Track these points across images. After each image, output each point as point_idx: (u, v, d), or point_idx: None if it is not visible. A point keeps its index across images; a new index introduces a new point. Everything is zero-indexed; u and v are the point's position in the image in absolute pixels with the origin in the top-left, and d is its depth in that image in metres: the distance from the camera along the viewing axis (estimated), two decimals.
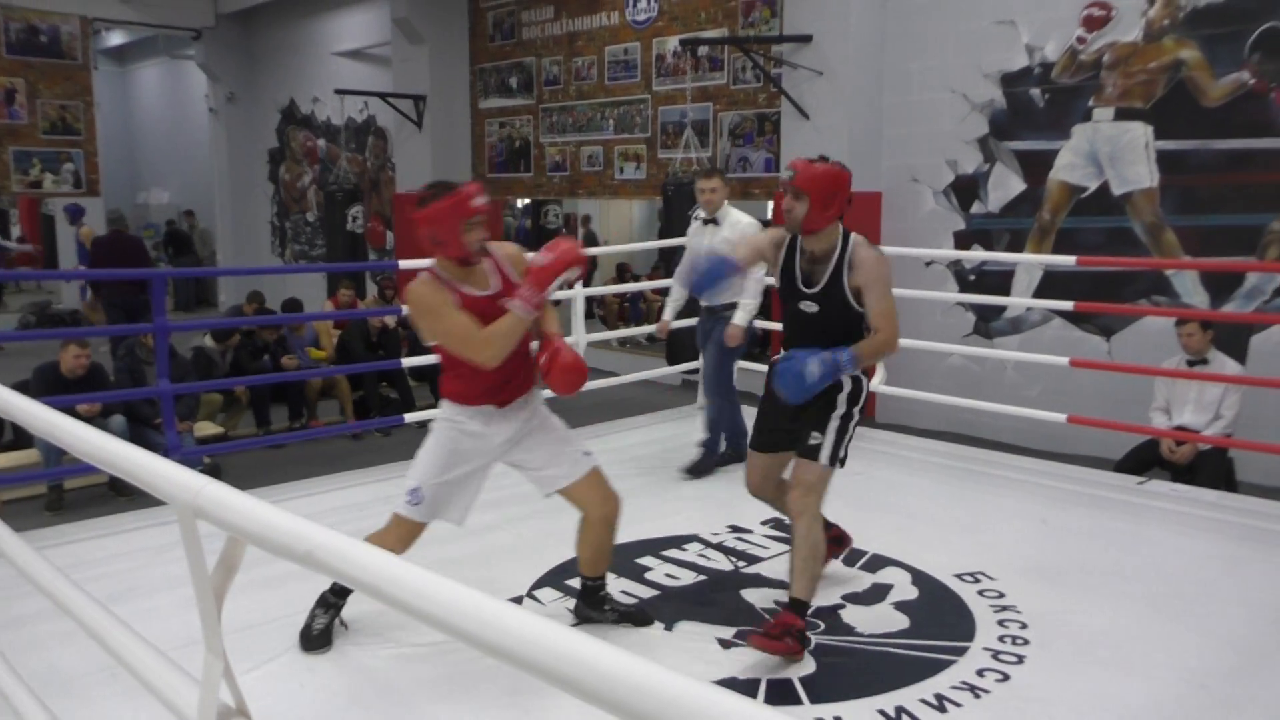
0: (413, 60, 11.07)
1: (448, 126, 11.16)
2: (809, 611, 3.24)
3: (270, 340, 7.53)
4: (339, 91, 11.54)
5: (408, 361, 6.44)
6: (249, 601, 3.47)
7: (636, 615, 3.51)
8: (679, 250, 7.27)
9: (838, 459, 3.31)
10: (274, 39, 14.22)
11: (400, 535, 3.22)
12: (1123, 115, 6.43)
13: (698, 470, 5.29)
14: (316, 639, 3.25)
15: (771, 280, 3.79)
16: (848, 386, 3.30)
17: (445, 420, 3.22)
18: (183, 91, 17.14)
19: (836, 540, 3.77)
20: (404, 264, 6.25)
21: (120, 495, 5.70)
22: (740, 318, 5.14)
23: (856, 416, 3.33)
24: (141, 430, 5.93)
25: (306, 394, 7.56)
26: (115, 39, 17.91)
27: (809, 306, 3.30)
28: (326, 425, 7.49)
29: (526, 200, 12.30)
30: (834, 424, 3.27)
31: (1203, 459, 5.11)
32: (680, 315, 5.61)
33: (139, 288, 9.98)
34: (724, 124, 8.74)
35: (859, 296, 3.24)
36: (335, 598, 3.30)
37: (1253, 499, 4.85)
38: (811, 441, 3.27)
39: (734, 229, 5.14)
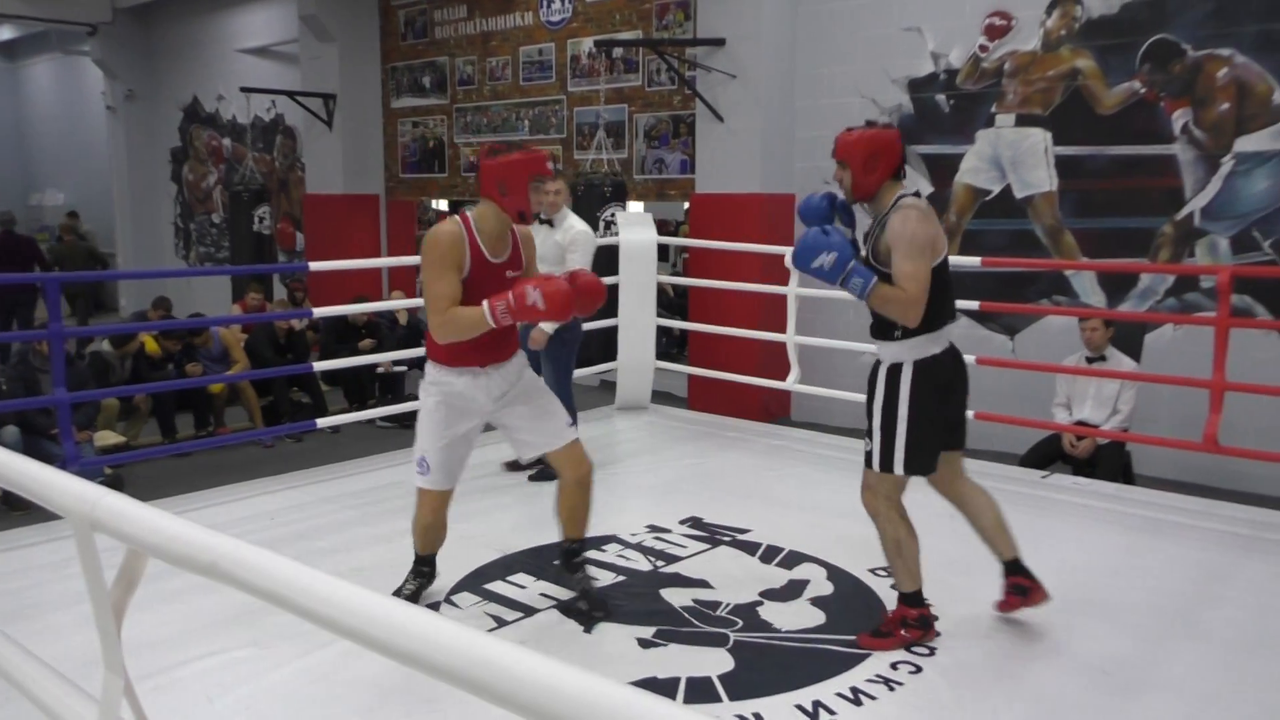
0: (322, 58, 10.83)
1: (359, 126, 10.96)
2: (919, 597, 3.32)
3: (175, 350, 7.28)
4: (245, 89, 11.24)
5: (319, 365, 6.30)
6: (153, 616, 3.36)
7: (594, 598, 3.57)
8: None
9: (890, 463, 3.18)
10: (175, 35, 13.78)
11: (428, 507, 3.46)
12: (1023, 121, 6.64)
13: (548, 475, 5.13)
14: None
15: None
16: (881, 389, 3.20)
17: (431, 384, 3.37)
18: (78, 89, 16.48)
19: (1019, 590, 3.40)
20: (315, 266, 6.13)
21: (14, 510, 5.45)
22: (550, 327, 5.03)
23: (904, 410, 3.13)
24: (37, 441, 5.69)
25: (213, 401, 7.34)
26: (5, 33, 17.14)
27: None
28: (234, 432, 7.28)
29: (442, 201, 12.17)
30: (876, 423, 3.21)
31: (1102, 453, 5.31)
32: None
33: (33, 291, 9.59)
34: (639, 126, 8.76)
35: (889, 258, 3.08)
36: (420, 567, 3.59)
37: (1149, 490, 5.05)
38: (866, 449, 3.28)
39: (566, 233, 5.07)
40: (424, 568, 3.64)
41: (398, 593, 3.60)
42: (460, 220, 3.26)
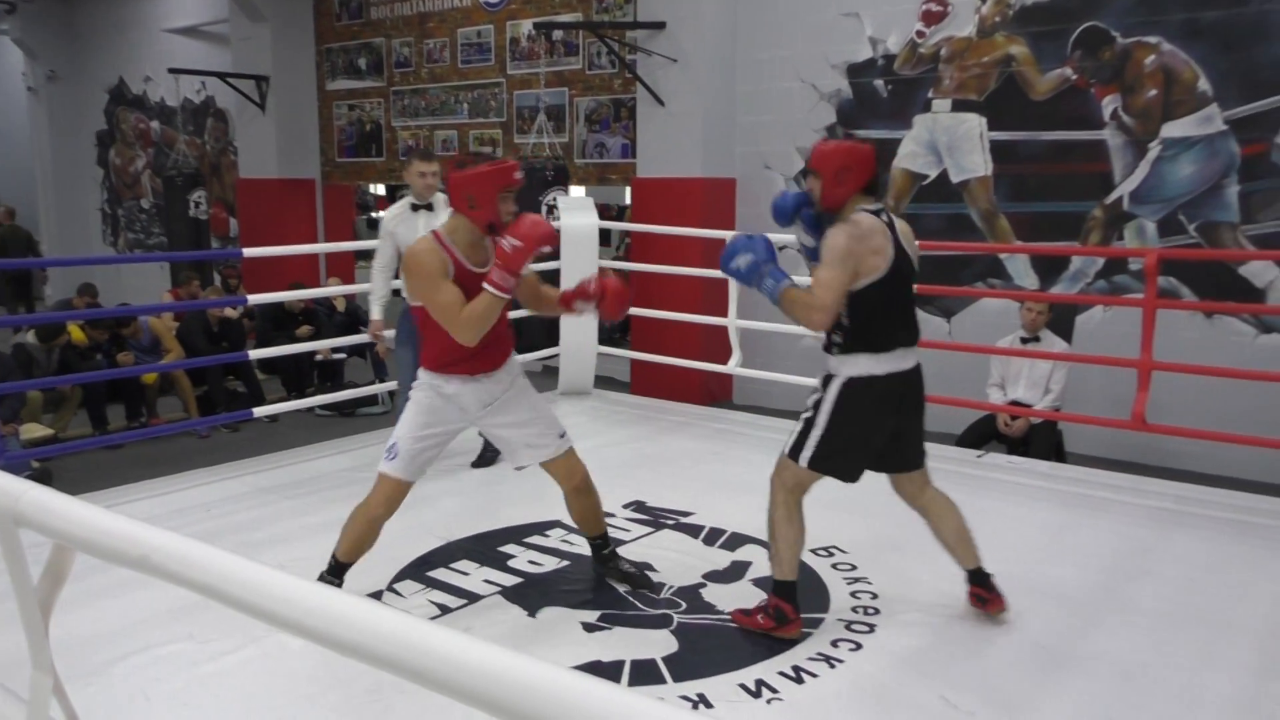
0: (253, 39, 10.58)
1: (293, 109, 10.74)
2: (790, 590, 3.26)
3: (103, 340, 7.08)
4: (173, 71, 10.95)
5: (255, 353, 6.18)
6: (84, 613, 3.28)
7: (638, 578, 3.66)
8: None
9: (798, 453, 3.25)
10: (98, 13, 13.35)
11: (384, 495, 3.38)
12: (959, 106, 6.74)
13: (488, 459, 5.21)
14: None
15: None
16: (819, 388, 3.27)
17: (423, 384, 3.35)
18: None
19: (979, 600, 3.40)
20: (249, 252, 6.01)
21: None
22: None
23: (824, 417, 3.20)
24: None
25: (144, 391, 7.16)
26: None
27: None
28: (168, 423, 7.12)
29: (380, 186, 11.99)
30: (803, 414, 3.29)
31: (1035, 432, 5.43)
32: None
33: None
34: (580, 109, 8.72)
35: None
36: (331, 576, 3.41)
37: (1080, 468, 5.18)
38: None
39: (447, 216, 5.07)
40: (336, 579, 3.40)
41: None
42: (434, 237, 3.22)
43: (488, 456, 5.18)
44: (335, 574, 3.42)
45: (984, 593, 3.39)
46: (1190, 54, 5.89)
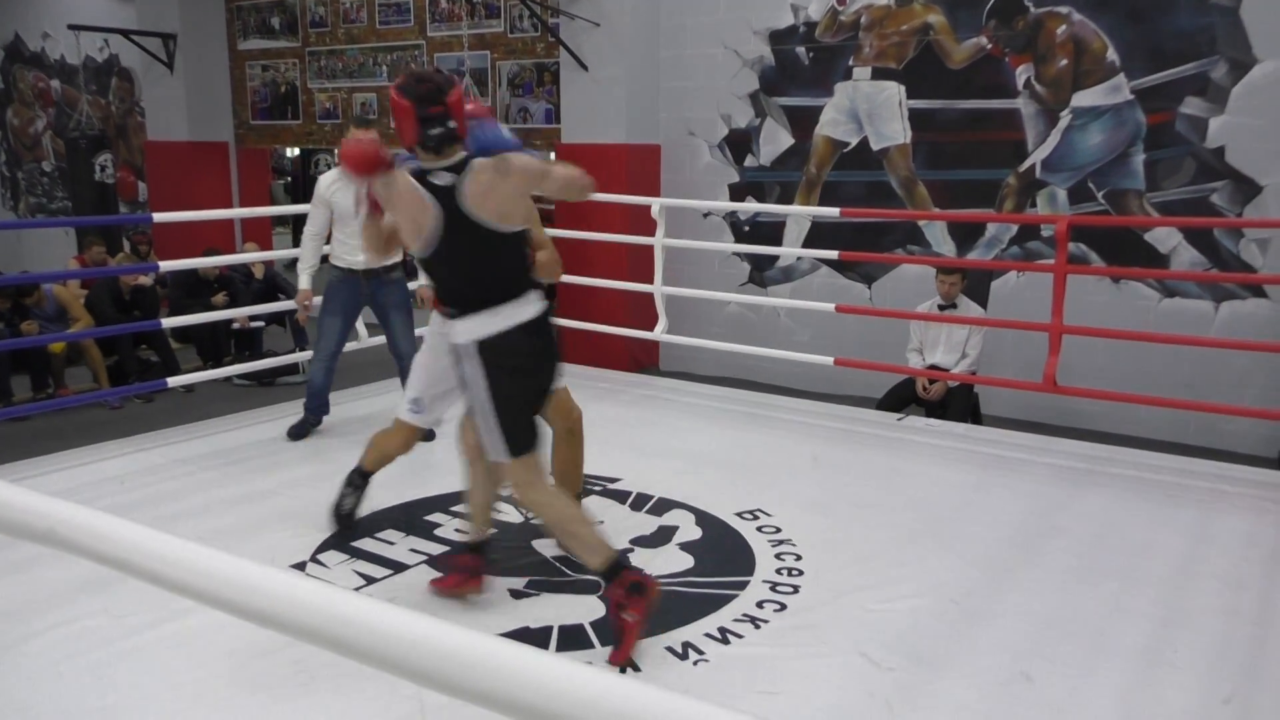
0: None
1: (203, 69, 10.35)
2: (616, 566, 2.96)
3: (4, 309, 6.78)
4: (73, 27, 10.44)
5: (168, 322, 5.99)
6: None
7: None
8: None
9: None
10: None
11: (405, 439, 3.73)
12: (879, 75, 6.80)
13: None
14: (345, 518, 3.82)
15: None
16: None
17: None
18: None
19: (470, 571, 3.34)
20: (159, 217, 5.81)
21: None
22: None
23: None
24: None
25: (51, 361, 6.90)
26: None
27: None
28: (77, 394, 6.88)
29: (295, 149, 11.67)
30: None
31: (952, 395, 5.57)
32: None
33: None
34: (502, 73, 8.59)
35: None
36: (362, 479, 3.81)
37: (995, 430, 5.34)
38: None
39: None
40: (363, 479, 3.83)
41: (339, 508, 3.83)
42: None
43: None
44: (365, 474, 3.83)
45: (476, 563, 3.29)
46: (1099, 24, 6.03)
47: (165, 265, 5.89)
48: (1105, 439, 5.34)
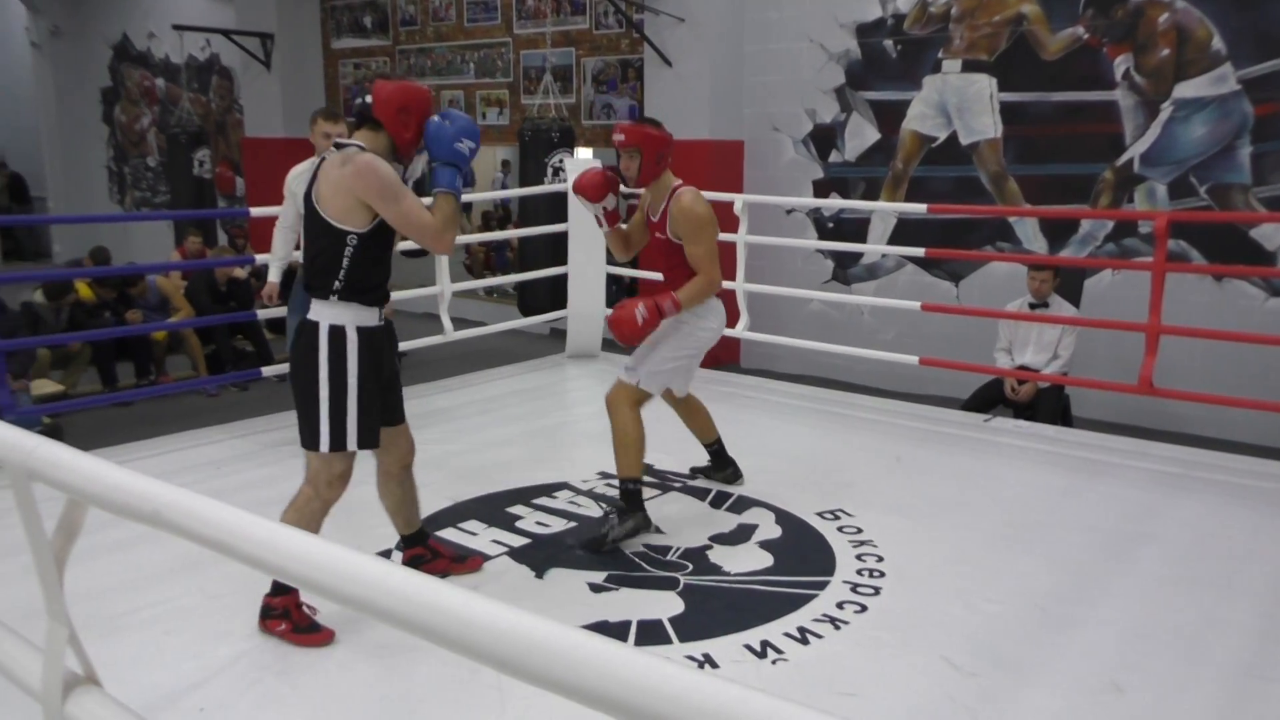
0: None
1: (298, 67, 10.65)
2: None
3: (111, 299, 7.08)
4: (177, 27, 10.84)
5: (263, 313, 6.17)
6: (98, 566, 3.32)
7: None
8: (534, 200, 7.17)
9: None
10: None
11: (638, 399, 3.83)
12: (969, 67, 6.66)
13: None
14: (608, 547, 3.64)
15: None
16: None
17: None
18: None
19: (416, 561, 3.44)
20: (256, 211, 5.99)
21: None
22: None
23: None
24: None
25: (153, 349, 7.18)
26: None
27: None
28: (177, 381, 7.15)
29: None
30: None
31: (1042, 396, 5.43)
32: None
33: None
34: (587, 70, 8.64)
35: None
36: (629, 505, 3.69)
37: (1086, 433, 5.19)
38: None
39: None
40: (638, 492, 3.76)
41: (606, 538, 3.63)
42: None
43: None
44: (638, 484, 3.74)
45: (423, 552, 3.42)
46: (1204, 12, 5.80)
47: (260, 258, 6.06)
48: (1203, 443, 5.15)
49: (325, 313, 2.91)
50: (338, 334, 2.89)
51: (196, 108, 12.02)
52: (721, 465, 4.35)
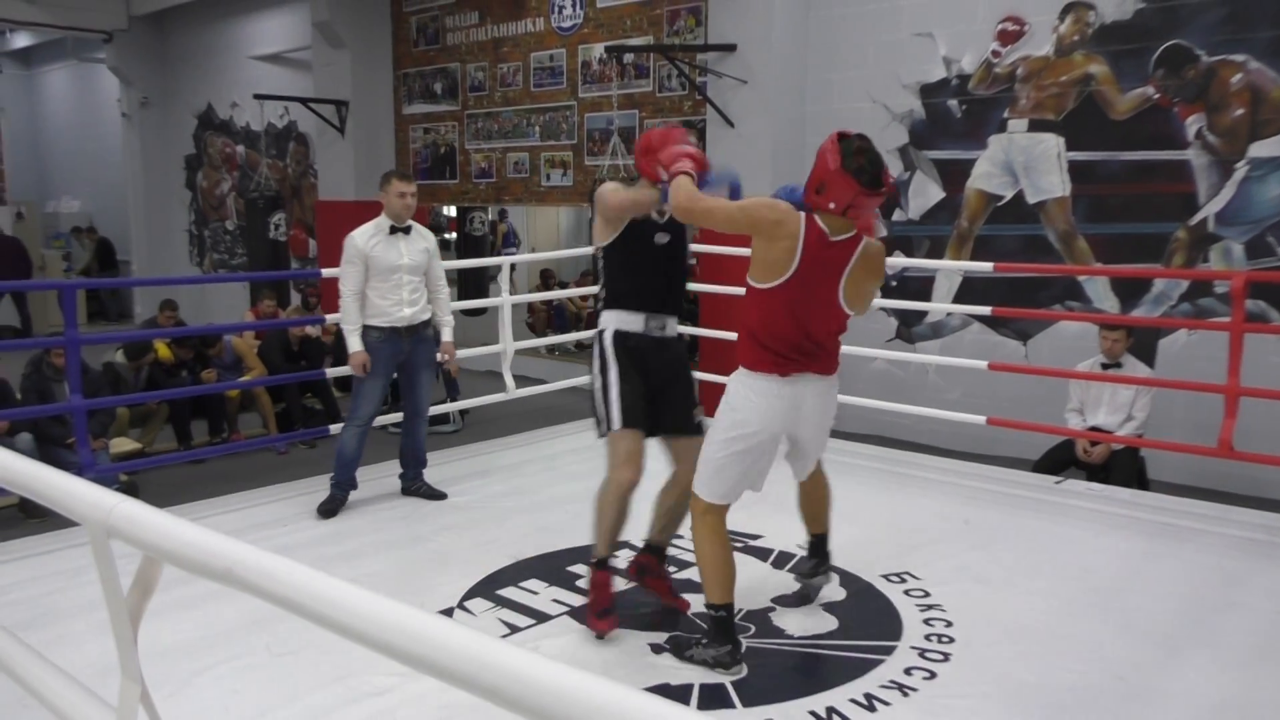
0: (334, 65, 10.89)
1: (371, 132, 11.00)
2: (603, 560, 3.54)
3: (188, 358, 7.30)
4: (258, 96, 11.29)
5: (331, 372, 6.31)
6: (170, 623, 3.38)
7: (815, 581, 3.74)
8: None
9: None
10: (189, 42, 13.87)
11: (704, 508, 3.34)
12: (1036, 126, 6.62)
13: (437, 492, 5.05)
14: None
15: None
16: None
17: None
18: (93, 95, 16.60)
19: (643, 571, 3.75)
20: (327, 272, 6.15)
21: (30, 517, 5.49)
22: (451, 334, 5.08)
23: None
24: (51, 450, 5.71)
25: (226, 407, 7.37)
26: (21, 40, 17.28)
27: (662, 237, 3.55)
28: (249, 439, 7.32)
29: (452, 208, 12.19)
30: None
31: (1116, 459, 5.28)
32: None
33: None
34: None
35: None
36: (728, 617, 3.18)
37: (1164, 496, 5.03)
38: (698, 419, 3.64)
39: (427, 240, 4.95)
40: (724, 620, 3.17)
41: (687, 653, 3.23)
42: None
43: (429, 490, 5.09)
44: (729, 614, 3.20)
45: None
46: (1278, 72, 5.71)
47: (331, 318, 6.21)
48: None
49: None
50: (601, 336, 3.49)
51: (274, 173, 12.45)
52: (812, 554, 3.74)
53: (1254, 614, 3.60)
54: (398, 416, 6.59)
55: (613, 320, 3.45)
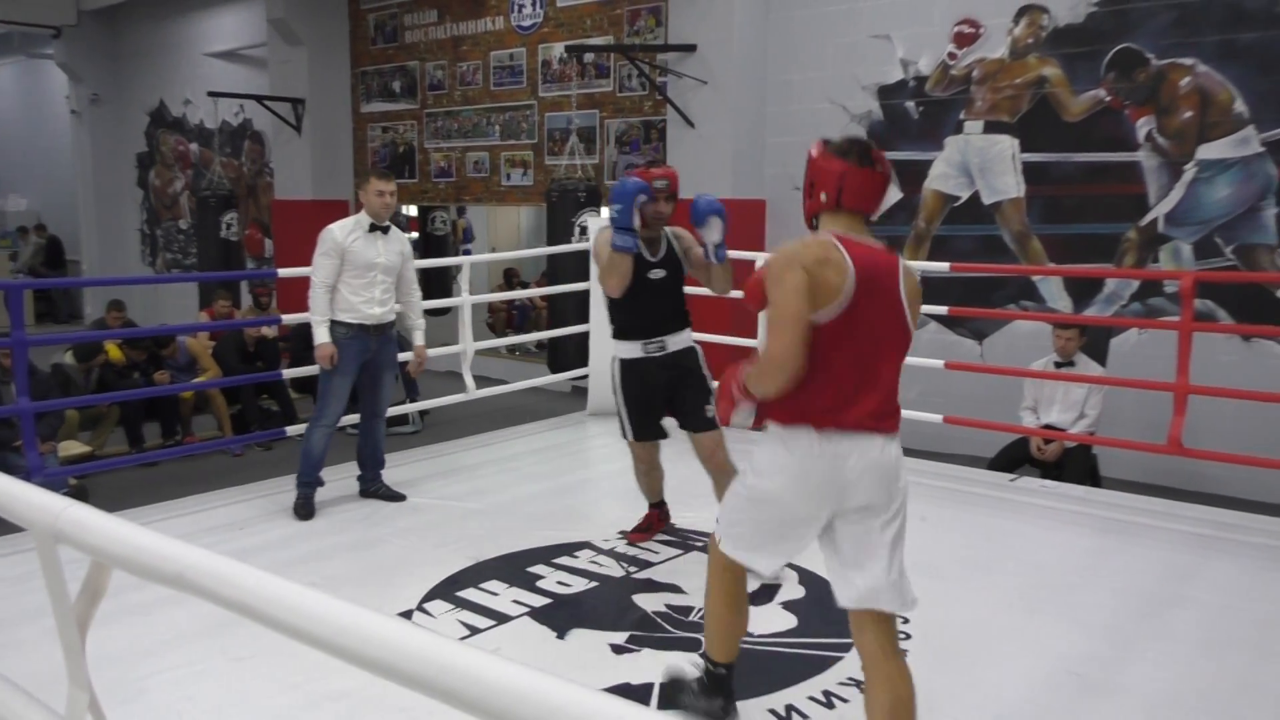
0: (290, 62, 10.75)
1: (328, 131, 10.88)
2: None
3: (141, 360, 7.16)
4: (212, 94, 11.13)
5: (288, 373, 6.24)
6: (120, 629, 3.32)
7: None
8: (562, 258, 7.24)
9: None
10: (141, 38, 13.63)
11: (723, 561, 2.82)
12: (991, 128, 6.71)
13: (395, 494, 4.96)
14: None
15: None
16: (701, 354, 4.10)
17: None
18: (41, 92, 16.26)
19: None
20: (284, 272, 6.08)
21: None
22: (422, 338, 5.05)
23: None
24: None
25: (180, 409, 7.25)
26: None
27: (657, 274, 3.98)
28: (203, 441, 7.21)
29: (412, 207, 12.10)
30: (711, 392, 3.94)
31: (1069, 456, 5.37)
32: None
33: None
34: (610, 131, 8.77)
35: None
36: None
37: (1115, 493, 5.12)
38: (709, 415, 3.95)
39: (403, 242, 4.88)
40: (721, 678, 2.80)
41: (676, 691, 2.92)
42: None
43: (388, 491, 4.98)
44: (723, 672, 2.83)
45: None
46: (1226, 75, 5.83)
47: (287, 318, 6.14)
48: (1235, 504, 5.06)
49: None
50: (612, 364, 4.11)
51: (228, 171, 12.27)
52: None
53: (1203, 608, 3.68)
54: (355, 418, 6.53)
55: (617, 350, 4.05)
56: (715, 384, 3.13)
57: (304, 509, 4.73)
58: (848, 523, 2.50)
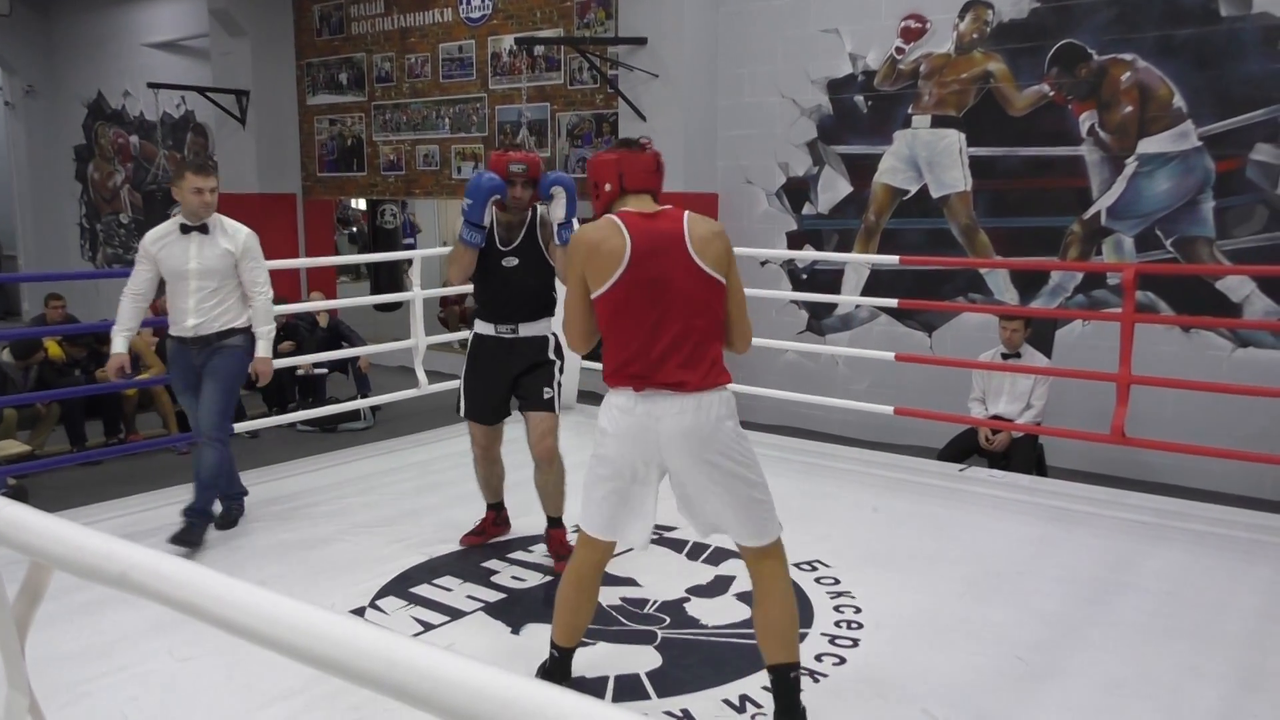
0: (233, 54, 10.56)
1: (274, 123, 10.71)
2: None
3: (81, 357, 7.00)
4: (152, 85, 10.89)
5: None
6: (63, 631, 3.25)
7: None
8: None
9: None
10: (77, 28, 13.29)
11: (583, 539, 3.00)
12: (939, 122, 6.79)
13: (192, 539, 4.20)
14: None
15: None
16: (553, 344, 4.05)
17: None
18: None
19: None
20: None
21: None
22: (266, 349, 4.37)
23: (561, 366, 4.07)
24: None
25: (123, 407, 7.10)
26: None
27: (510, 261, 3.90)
28: (147, 439, 7.06)
29: (361, 201, 11.96)
30: (555, 379, 3.99)
31: (1016, 446, 5.46)
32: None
33: None
34: (562, 124, 8.74)
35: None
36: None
37: (1060, 482, 5.21)
38: (545, 396, 3.96)
39: (233, 240, 4.27)
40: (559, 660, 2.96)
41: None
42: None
43: (196, 534, 4.27)
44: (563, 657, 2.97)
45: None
46: (1165, 71, 5.96)
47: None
48: (1176, 492, 5.18)
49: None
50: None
51: (172, 164, 12.02)
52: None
53: (1145, 594, 3.76)
54: (306, 415, 6.44)
55: (476, 326, 4.03)
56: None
57: (224, 522, 4.47)
58: (678, 474, 2.73)
